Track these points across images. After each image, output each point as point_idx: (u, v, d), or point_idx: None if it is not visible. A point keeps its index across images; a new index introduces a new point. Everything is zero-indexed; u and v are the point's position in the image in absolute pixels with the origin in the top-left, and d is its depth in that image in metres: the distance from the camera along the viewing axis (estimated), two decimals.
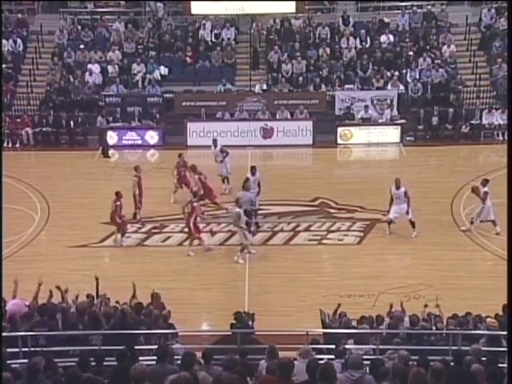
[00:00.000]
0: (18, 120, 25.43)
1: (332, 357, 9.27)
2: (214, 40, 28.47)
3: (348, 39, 27.97)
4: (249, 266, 16.64)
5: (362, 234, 18.40)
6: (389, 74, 26.65)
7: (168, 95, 26.49)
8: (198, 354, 8.57)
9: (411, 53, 27.34)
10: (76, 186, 20.59)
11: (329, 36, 28.42)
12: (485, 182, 17.87)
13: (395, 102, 25.82)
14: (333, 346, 9.95)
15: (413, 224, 17.80)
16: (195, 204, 17.15)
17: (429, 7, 28.87)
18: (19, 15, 29.18)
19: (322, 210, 19.66)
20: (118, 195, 17.71)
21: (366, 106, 25.45)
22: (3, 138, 24.84)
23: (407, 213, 17.72)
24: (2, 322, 9.77)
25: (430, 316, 12.19)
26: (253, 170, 18.50)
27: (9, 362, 8.14)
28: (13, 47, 28.07)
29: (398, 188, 17.74)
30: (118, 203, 17.65)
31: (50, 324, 10.75)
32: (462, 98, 26.12)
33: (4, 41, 27.98)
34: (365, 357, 8.88)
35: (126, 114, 25.69)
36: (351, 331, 11.38)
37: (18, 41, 28.15)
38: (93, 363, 8.25)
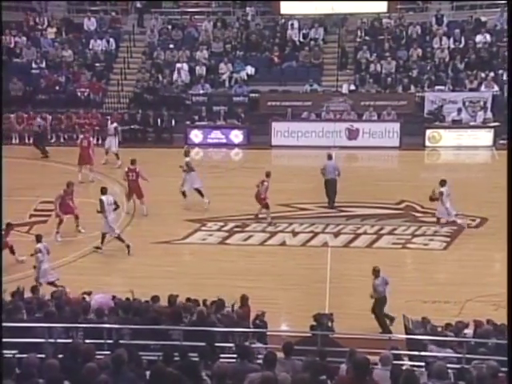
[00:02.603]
0: (108, 117, 26.07)
1: (413, 363, 8.98)
2: (301, 40, 28.35)
3: (441, 39, 27.24)
4: (330, 268, 16.39)
5: (448, 239, 17.83)
6: (483, 74, 25.76)
7: (254, 95, 26.56)
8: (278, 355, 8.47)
9: None
10: (161, 183, 20.87)
11: (420, 36, 27.82)
12: (443, 183, 17.89)
13: (489, 104, 24.92)
14: (415, 353, 9.63)
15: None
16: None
17: None
18: (113, 15, 30.02)
19: (407, 214, 19.19)
20: (269, 175, 18.65)
21: (459, 109, 24.71)
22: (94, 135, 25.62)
23: None
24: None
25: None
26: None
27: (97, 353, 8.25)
28: (106, 47, 28.87)
29: None
30: (266, 183, 18.50)
31: (133, 321, 10.89)
32: None
33: (98, 40, 28.85)
34: (448, 365, 8.53)
35: (212, 113, 25.92)
36: (435, 338, 10.98)
37: (111, 40, 28.93)
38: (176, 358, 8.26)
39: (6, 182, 19.94)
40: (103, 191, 17.51)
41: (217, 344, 9.64)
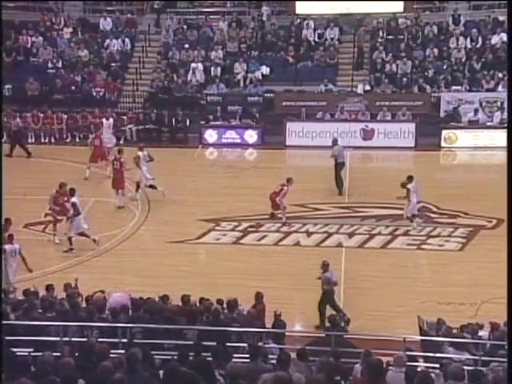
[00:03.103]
0: (124, 117, 26.15)
1: (428, 365, 8.92)
2: (317, 40, 28.29)
3: (457, 39, 27.07)
4: (344, 269, 16.34)
5: (464, 240, 17.73)
6: (500, 75, 25.57)
7: (268, 95, 26.53)
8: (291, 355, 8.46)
9: None
10: (175, 183, 20.92)
11: (437, 36, 27.67)
12: (410, 179, 18.15)
13: (506, 105, 24.71)
14: (430, 354, 9.57)
15: None
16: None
17: None
18: (128, 15, 30.12)
19: (423, 215, 19.08)
20: (290, 181, 18.53)
21: (476, 110, 24.55)
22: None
23: None
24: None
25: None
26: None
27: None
28: (121, 46, 28.96)
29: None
30: (286, 188, 18.44)
31: (145, 319, 10.90)
32: None
33: (114, 40, 28.94)
34: (464, 367, 8.46)
35: (227, 113, 25.93)
36: (451, 339, 10.90)
37: (126, 40, 29.01)
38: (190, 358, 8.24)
39: (22, 181, 20.09)
40: (72, 192, 17.23)
41: (231, 344, 9.63)
